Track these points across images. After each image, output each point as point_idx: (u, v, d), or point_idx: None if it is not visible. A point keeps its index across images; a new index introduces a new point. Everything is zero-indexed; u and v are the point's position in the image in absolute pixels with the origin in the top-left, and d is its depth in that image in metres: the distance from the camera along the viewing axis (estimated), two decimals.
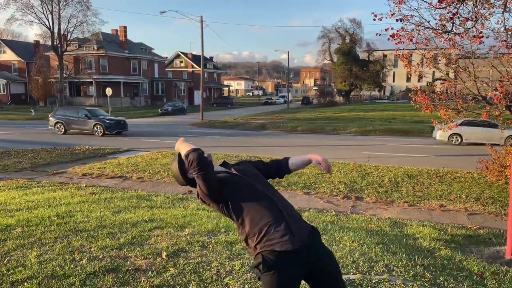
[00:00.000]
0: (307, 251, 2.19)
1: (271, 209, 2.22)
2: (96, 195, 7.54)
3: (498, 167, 9.49)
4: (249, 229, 2.22)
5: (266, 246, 2.17)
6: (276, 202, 2.26)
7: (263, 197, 2.26)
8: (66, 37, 44.41)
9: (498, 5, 7.29)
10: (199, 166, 2.17)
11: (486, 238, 5.70)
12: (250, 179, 2.34)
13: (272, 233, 2.17)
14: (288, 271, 2.16)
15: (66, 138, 19.03)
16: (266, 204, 2.23)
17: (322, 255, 2.26)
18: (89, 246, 4.24)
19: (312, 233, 2.30)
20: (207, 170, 2.19)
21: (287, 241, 2.15)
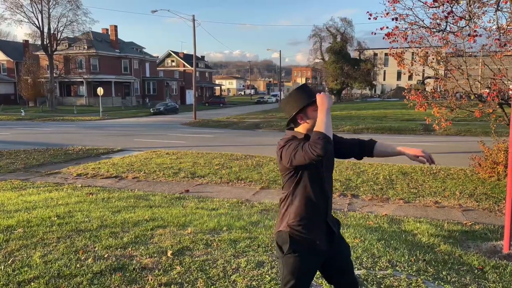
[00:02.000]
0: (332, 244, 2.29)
1: (322, 198, 2.27)
2: (94, 195, 7.51)
3: (490, 164, 9.63)
4: (296, 206, 2.24)
5: (299, 231, 2.23)
6: (327, 193, 2.31)
7: (321, 183, 2.27)
8: (56, 37, 43.96)
9: (490, 4, 7.43)
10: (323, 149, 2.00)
11: (482, 234, 5.80)
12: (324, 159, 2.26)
13: (310, 228, 2.24)
14: (312, 258, 2.24)
15: (58, 139, 18.85)
16: (319, 192, 2.26)
17: (342, 248, 2.33)
18: (93, 246, 4.24)
19: (338, 227, 2.39)
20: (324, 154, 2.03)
21: (319, 243, 2.24)
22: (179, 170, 10.58)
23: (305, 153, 2.05)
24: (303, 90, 2.33)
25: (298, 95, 2.29)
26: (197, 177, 9.74)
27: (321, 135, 2.02)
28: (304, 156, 2.06)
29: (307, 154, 2.04)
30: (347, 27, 63.14)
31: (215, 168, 10.83)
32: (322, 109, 2.14)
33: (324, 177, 2.27)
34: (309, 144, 2.03)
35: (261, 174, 10.03)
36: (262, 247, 4.22)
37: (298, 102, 2.26)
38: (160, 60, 70.45)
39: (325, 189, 2.28)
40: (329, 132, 2.06)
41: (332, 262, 2.33)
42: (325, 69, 65.70)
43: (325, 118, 2.10)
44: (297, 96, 2.28)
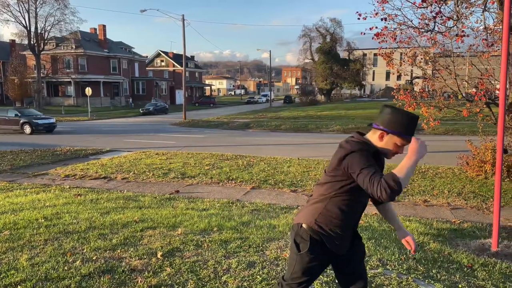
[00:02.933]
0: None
1: (360, 210, 2.29)
2: (82, 196, 7.41)
3: (478, 163, 9.75)
4: (334, 209, 2.19)
5: (324, 232, 2.19)
6: (365, 205, 2.31)
7: (364, 194, 2.20)
8: (43, 36, 43.42)
9: (477, 5, 7.53)
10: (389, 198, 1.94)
11: (470, 232, 5.86)
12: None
13: (338, 232, 2.22)
14: (327, 259, 2.27)
15: (46, 139, 18.60)
16: (360, 204, 2.26)
17: (356, 249, 2.38)
18: (81, 248, 4.17)
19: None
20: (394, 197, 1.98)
21: (341, 247, 2.25)
22: (169, 170, 10.50)
23: (371, 185, 1.95)
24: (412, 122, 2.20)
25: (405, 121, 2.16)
26: (187, 178, 9.68)
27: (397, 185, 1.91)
28: (368, 186, 1.97)
29: (371, 188, 1.95)
30: (336, 28, 63.54)
31: (206, 168, 10.79)
32: (412, 158, 2.03)
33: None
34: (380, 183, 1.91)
35: (251, 174, 10.01)
36: (253, 247, 4.20)
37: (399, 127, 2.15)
38: (150, 60, 70.01)
39: (365, 201, 2.28)
40: (405, 184, 1.97)
41: (344, 262, 2.35)
42: (314, 69, 65.95)
43: (410, 168, 1.99)
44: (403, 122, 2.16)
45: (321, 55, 62.47)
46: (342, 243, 2.23)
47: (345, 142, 2.19)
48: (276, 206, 7.05)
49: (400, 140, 2.17)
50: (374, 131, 2.21)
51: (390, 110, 2.20)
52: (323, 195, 2.22)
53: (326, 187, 2.21)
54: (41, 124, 21.53)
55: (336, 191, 2.17)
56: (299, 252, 2.19)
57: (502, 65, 4.03)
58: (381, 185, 1.90)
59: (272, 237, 4.57)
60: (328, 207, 2.18)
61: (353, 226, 2.29)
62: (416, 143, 2.06)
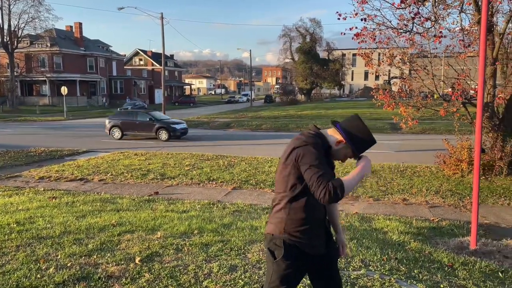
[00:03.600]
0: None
1: (321, 209, 2.22)
2: (57, 199, 7.17)
3: (454, 161, 9.95)
4: (297, 213, 2.14)
5: (296, 238, 2.15)
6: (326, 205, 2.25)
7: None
8: (16, 34, 42.12)
9: (454, 6, 7.66)
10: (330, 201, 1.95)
11: (449, 230, 5.95)
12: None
13: (310, 234, 2.17)
14: (304, 264, 2.19)
15: (19, 140, 18.00)
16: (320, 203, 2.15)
17: (331, 255, 2.34)
18: (55, 254, 3.99)
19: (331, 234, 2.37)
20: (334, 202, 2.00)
21: (317, 248, 2.20)
22: (148, 171, 10.31)
23: (317, 184, 1.94)
24: (370, 143, 2.26)
25: (366, 140, 2.22)
26: (167, 179, 9.53)
27: (342, 193, 1.92)
28: (313, 184, 1.96)
29: (316, 187, 1.95)
30: (316, 28, 64.02)
31: (186, 169, 10.64)
32: (360, 173, 2.07)
33: None
34: (327, 187, 1.91)
35: (232, 174, 9.93)
36: (235, 250, 4.11)
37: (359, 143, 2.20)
38: (128, 59, 68.86)
39: None
40: (348, 192, 1.98)
41: (320, 268, 2.29)
42: (295, 69, 66.28)
43: (357, 181, 2.03)
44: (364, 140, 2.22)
45: (301, 55, 62.82)
46: (318, 242, 2.20)
47: (300, 134, 2.19)
48: (258, 207, 6.99)
49: (351, 153, 2.22)
50: (335, 132, 2.23)
51: (361, 124, 2.23)
52: (282, 199, 2.18)
53: (282, 188, 2.18)
54: (178, 130, 18.47)
55: (293, 191, 2.13)
56: (274, 259, 2.14)
57: (480, 66, 4.08)
58: (327, 189, 1.91)
59: (254, 239, 4.50)
60: (292, 214, 2.15)
61: (322, 221, 2.24)
62: (366, 161, 2.14)
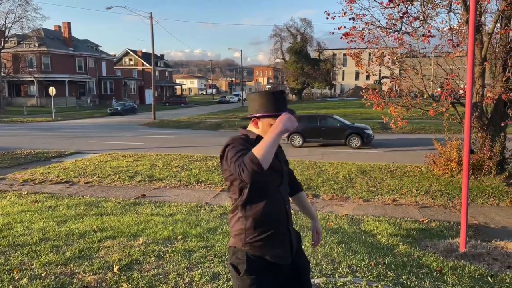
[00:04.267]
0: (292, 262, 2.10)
1: (280, 206, 2.05)
2: (39, 203, 6.97)
3: (444, 161, 9.93)
4: (251, 219, 1.99)
5: (257, 249, 1.99)
6: (286, 208, 2.10)
7: (276, 189, 2.05)
8: (3, 34, 41.41)
9: (443, 6, 7.61)
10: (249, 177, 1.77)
11: (438, 231, 5.89)
12: (284, 171, 2.12)
13: (272, 242, 2.01)
14: (271, 277, 2.03)
15: (5, 142, 17.64)
16: (277, 200, 2.04)
17: (301, 266, 2.17)
18: (30, 263, 3.82)
19: (298, 241, 2.21)
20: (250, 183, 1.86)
21: (283, 257, 2.04)
22: (135, 173, 10.13)
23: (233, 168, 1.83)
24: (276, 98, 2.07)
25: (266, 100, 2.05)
26: (155, 181, 9.36)
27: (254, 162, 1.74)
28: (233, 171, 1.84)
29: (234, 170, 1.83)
30: (306, 28, 64.12)
31: (174, 170, 10.47)
32: (273, 131, 1.83)
33: (280, 183, 2.06)
34: (239, 163, 1.79)
35: (221, 175, 9.79)
36: (219, 257, 3.97)
37: (263, 107, 2.03)
38: (118, 59, 68.26)
39: (281, 195, 2.06)
40: (266, 161, 1.76)
41: (291, 281, 2.12)
42: (286, 69, 66.32)
43: (270, 143, 1.79)
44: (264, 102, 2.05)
45: (292, 55, 62.86)
46: (283, 250, 2.03)
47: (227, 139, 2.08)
48: None
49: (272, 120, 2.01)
50: (250, 121, 2.12)
51: (252, 96, 2.12)
52: (235, 208, 2.05)
53: (232, 194, 2.06)
54: (371, 135, 16.49)
55: (241, 196, 1.99)
56: (238, 275, 1.98)
57: (469, 65, 4.01)
58: (240, 165, 1.78)
59: None
60: (245, 219, 1.99)
61: (285, 226, 2.07)
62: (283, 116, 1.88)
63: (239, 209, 2.01)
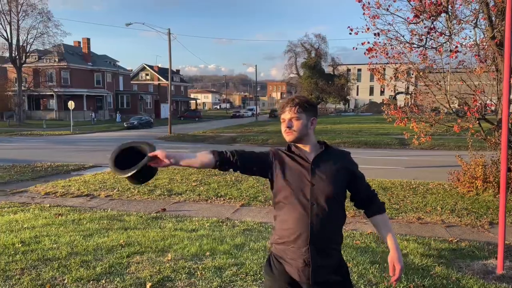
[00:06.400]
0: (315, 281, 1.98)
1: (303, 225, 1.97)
2: (63, 216, 7.00)
3: (469, 179, 9.69)
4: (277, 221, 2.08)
5: (278, 251, 2.03)
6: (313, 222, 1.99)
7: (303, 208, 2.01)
8: (25, 49, 42.63)
9: (467, 21, 7.54)
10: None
11: (469, 251, 5.69)
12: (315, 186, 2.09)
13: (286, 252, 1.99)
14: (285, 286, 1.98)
15: (26, 154, 17.95)
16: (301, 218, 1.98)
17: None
18: (61, 278, 3.79)
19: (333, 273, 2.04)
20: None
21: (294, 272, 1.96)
22: (154, 187, 10.14)
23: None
24: None
25: None
26: (174, 195, 9.35)
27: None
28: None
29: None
30: (321, 43, 64.45)
31: (193, 184, 10.46)
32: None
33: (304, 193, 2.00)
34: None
35: (240, 190, 9.74)
36: (250, 275, 3.89)
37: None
38: (134, 74, 69.49)
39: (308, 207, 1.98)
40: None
41: None
42: (300, 84, 66.51)
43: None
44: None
45: (306, 70, 63.09)
46: (295, 265, 1.94)
47: None
48: (269, 225, 6.78)
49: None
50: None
51: None
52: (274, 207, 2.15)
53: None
54: None
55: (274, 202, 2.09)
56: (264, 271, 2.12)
57: (505, 80, 3.92)
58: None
59: None
60: (275, 223, 2.08)
61: (305, 242, 1.93)
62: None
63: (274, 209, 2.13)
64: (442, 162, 14.92)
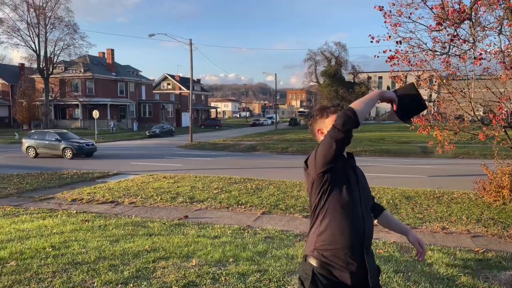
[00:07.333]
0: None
1: (356, 230, 1.99)
2: (89, 222, 7.20)
3: (495, 188, 9.47)
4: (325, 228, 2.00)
5: (325, 258, 1.98)
6: (365, 226, 2.04)
7: (357, 211, 2.03)
8: (52, 60, 44.13)
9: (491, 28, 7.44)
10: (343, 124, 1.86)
11: (496, 262, 5.56)
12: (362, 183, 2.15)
13: (339, 255, 1.97)
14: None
15: (52, 162, 18.51)
16: (355, 222, 2.00)
17: None
18: (91, 281, 3.93)
19: (377, 275, 2.12)
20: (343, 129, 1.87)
21: (348, 275, 1.97)
22: (177, 194, 10.30)
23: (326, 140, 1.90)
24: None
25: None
26: (196, 202, 9.47)
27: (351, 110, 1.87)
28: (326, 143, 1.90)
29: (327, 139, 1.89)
30: (341, 51, 64.18)
31: (214, 192, 10.57)
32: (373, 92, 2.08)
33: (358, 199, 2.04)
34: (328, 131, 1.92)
35: (261, 198, 9.78)
36: (274, 281, 3.93)
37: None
38: (156, 83, 70.78)
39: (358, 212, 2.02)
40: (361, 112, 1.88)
41: None
42: (319, 92, 66.30)
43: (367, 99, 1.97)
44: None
45: (326, 78, 62.87)
46: (351, 270, 1.95)
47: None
48: (290, 233, 6.79)
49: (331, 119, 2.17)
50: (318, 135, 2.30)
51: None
52: (313, 212, 2.08)
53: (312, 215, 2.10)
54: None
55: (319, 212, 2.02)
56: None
57: None
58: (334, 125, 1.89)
59: (292, 269, 4.31)
60: (321, 228, 2.00)
61: (358, 248, 1.97)
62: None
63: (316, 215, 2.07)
64: (467, 171, 14.60)
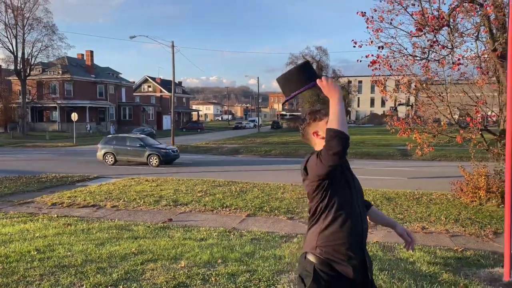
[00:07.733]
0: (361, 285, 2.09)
1: (356, 226, 2.06)
2: (72, 226, 7.10)
3: (472, 189, 9.78)
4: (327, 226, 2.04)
5: (327, 254, 2.02)
6: (362, 223, 2.12)
7: (356, 209, 2.09)
8: (29, 62, 43.09)
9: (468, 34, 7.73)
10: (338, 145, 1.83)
11: (475, 260, 5.77)
12: (356, 182, 2.20)
13: (343, 251, 2.02)
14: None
15: (30, 166, 18.07)
16: (355, 219, 2.06)
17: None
18: (80, 284, 3.89)
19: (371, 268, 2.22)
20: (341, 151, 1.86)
21: (353, 270, 2.04)
22: (160, 197, 10.24)
23: (323, 159, 1.88)
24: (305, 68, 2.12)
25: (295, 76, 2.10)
26: (180, 205, 9.44)
27: (333, 132, 1.84)
28: (323, 162, 1.88)
29: (324, 159, 1.87)
30: (322, 55, 64.98)
31: (198, 195, 10.55)
32: (333, 100, 1.95)
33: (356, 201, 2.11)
34: (324, 147, 1.87)
35: (246, 201, 9.83)
36: (264, 281, 3.99)
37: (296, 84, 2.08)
38: (137, 86, 69.96)
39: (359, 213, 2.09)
40: (344, 127, 1.87)
41: None
42: (301, 95, 66.84)
43: (337, 111, 1.91)
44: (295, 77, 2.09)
45: None
46: (353, 265, 2.02)
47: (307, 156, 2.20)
48: (276, 235, 6.87)
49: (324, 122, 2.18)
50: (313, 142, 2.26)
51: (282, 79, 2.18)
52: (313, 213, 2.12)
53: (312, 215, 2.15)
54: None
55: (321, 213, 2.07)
56: (305, 286, 2.02)
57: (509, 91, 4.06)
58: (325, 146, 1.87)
59: (281, 269, 4.38)
60: (324, 226, 2.05)
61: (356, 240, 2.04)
62: (325, 83, 2.01)
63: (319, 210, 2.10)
64: (445, 173, 15.01)
